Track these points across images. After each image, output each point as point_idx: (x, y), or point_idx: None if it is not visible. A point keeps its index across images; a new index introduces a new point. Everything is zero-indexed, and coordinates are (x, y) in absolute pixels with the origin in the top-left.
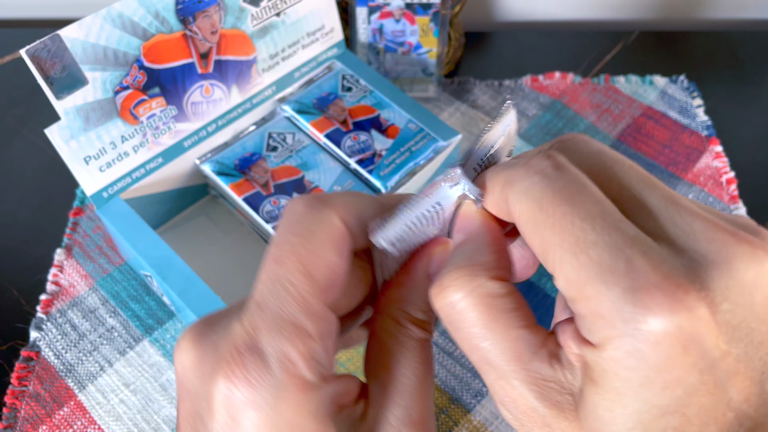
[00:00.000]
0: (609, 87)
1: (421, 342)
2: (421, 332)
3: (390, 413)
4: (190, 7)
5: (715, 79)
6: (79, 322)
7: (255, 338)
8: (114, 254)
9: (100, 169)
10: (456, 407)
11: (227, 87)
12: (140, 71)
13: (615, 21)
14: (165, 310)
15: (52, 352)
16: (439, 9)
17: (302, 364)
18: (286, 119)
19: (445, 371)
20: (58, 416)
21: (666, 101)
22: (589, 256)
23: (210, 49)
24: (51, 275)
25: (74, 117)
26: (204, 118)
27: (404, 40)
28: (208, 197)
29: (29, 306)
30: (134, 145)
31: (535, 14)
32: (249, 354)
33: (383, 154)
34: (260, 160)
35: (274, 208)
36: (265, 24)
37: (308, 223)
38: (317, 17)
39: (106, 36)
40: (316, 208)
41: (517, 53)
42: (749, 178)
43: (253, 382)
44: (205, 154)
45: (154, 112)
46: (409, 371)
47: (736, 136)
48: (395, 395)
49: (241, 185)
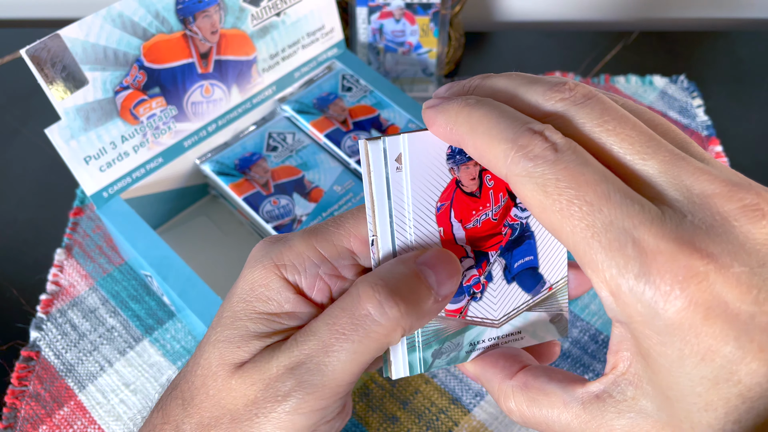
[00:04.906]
0: (609, 87)
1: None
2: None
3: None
4: (190, 7)
5: (715, 79)
6: (79, 322)
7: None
8: (114, 254)
9: (100, 169)
10: (456, 407)
11: (227, 87)
12: (140, 71)
13: (615, 21)
14: (165, 310)
15: (52, 352)
16: (439, 9)
17: (287, 265)
18: (286, 119)
19: (445, 372)
20: (58, 416)
21: (666, 101)
22: (600, 243)
23: (210, 49)
24: (51, 275)
25: (74, 117)
26: (204, 118)
27: (404, 40)
28: (208, 197)
29: (29, 306)
30: (134, 145)
31: (535, 14)
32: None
33: None
34: (260, 160)
35: (274, 208)
36: (265, 24)
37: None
38: (317, 17)
39: (106, 36)
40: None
41: (517, 53)
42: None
43: (256, 265)
44: (205, 154)
45: (154, 112)
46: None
47: (736, 136)
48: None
49: (241, 185)
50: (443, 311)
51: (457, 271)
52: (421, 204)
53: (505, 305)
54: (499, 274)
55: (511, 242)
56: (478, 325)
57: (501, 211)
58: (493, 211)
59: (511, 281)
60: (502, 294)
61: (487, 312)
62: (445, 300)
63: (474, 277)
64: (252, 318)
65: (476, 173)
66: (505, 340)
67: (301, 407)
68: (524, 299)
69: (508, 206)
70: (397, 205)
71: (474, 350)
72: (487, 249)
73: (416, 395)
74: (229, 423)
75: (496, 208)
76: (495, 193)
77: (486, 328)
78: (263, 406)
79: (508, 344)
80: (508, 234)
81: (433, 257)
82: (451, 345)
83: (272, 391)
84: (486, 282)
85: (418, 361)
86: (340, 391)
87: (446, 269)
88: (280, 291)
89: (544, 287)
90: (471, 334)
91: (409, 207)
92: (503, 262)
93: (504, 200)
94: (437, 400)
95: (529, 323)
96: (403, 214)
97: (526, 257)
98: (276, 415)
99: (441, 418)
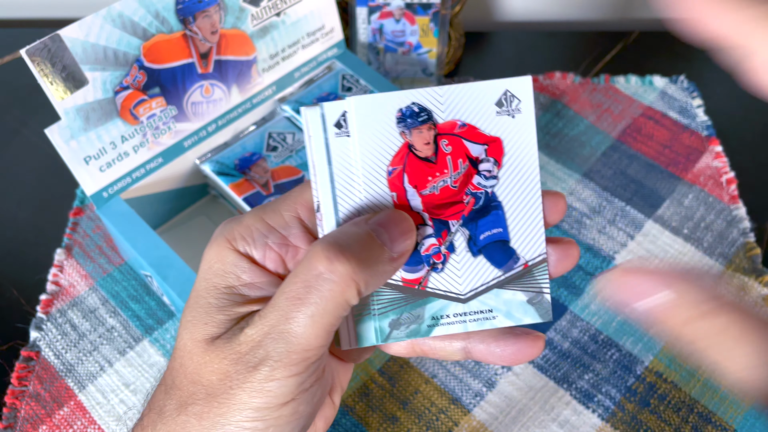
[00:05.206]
0: (609, 87)
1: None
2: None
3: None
4: (190, 7)
5: (715, 79)
6: (79, 322)
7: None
8: (114, 254)
9: (100, 169)
10: (456, 407)
11: (227, 87)
12: (140, 71)
13: (615, 21)
14: (165, 310)
15: (52, 352)
16: (439, 9)
17: (237, 238)
18: (286, 119)
19: (445, 372)
20: (58, 416)
21: (666, 101)
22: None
23: (210, 49)
24: (51, 275)
25: (74, 117)
26: (204, 118)
27: (404, 40)
28: (208, 197)
29: (29, 306)
30: (134, 145)
31: (535, 14)
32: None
33: None
34: (260, 160)
35: None
36: (265, 24)
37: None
38: (317, 17)
39: (106, 36)
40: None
41: (517, 53)
42: (749, 178)
43: (211, 245)
44: (205, 154)
45: (154, 112)
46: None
47: (736, 136)
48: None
49: (241, 185)
50: (401, 280)
51: (410, 228)
52: (371, 168)
53: (471, 279)
54: (462, 246)
55: (475, 212)
56: (440, 297)
57: (461, 178)
58: (453, 177)
59: (477, 254)
60: (467, 267)
61: (451, 285)
62: (401, 257)
63: (433, 247)
64: (213, 294)
65: (430, 138)
66: (474, 317)
67: (273, 375)
68: (494, 275)
69: (470, 173)
70: (339, 169)
71: (437, 325)
72: (447, 218)
73: (416, 395)
74: (205, 397)
75: (455, 175)
76: (453, 159)
77: (450, 302)
78: (236, 378)
79: (477, 322)
80: (471, 203)
81: (384, 216)
82: (411, 316)
83: (243, 364)
84: (447, 253)
85: (374, 330)
86: (309, 356)
87: (398, 227)
88: (235, 263)
89: (517, 263)
90: (433, 307)
91: (358, 171)
92: (467, 232)
93: (464, 167)
94: (437, 400)
95: (502, 302)
96: (351, 178)
97: (494, 229)
98: (250, 385)
99: (441, 418)
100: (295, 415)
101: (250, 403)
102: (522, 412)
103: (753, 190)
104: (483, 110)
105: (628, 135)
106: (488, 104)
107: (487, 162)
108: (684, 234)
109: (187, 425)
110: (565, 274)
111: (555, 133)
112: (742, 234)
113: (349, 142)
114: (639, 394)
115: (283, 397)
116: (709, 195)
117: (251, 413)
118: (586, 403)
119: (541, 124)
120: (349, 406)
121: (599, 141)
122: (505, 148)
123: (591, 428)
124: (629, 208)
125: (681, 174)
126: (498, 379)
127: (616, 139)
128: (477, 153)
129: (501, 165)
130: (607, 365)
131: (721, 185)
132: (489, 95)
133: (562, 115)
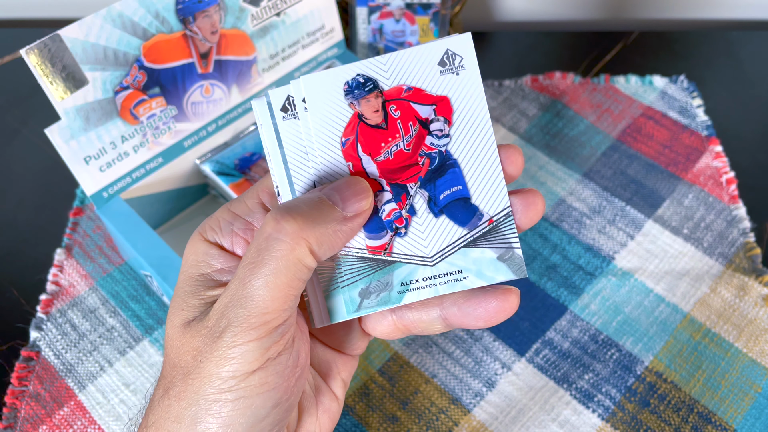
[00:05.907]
0: (609, 87)
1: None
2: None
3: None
4: (190, 7)
5: (715, 79)
6: (79, 322)
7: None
8: (114, 254)
9: (100, 169)
10: (456, 407)
11: (227, 87)
12: (140, 71)
13: (615, 21)
14: (165, 310)
15: (52, 352)
16: (439, 9)
17: (207, 230)
18: None
19: (444, 371)
20: (58, 416)
21: (666, 101)
22: None
23: (210, 49)
24: (51, 275)
25: (74, 117)
26: (204, 118)
27: (404, 40)
28: (208, 197)
29: (29, 306)
30: (134, 145)
31: (535, 14)
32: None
33: None
34: (260, 160)
35: None
36: (265, 24)
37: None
38: (317, 17)
39: (106, 36)
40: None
41: (517, 53)
42: (749, 178)
43: (189, 242)
44: (205, 154)
45: (154, 112)
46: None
47: (736, 136)
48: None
49: (241, 185)
50: (366, 248)
51: (363, 189)
52: (325, 141)
53: (436, 241)
54: (423, 207)
55: (431, 172)
56: (407, 263)
57: (414, 140)
58: (405, 141)
59: (439, 214)
60: (430, 228)
61: (416, 248)
62: (356, 217)
63: (394, 212)
64: (188, 282)
65: (378, 105)
66: (444, 280)
67: (235, 341)
68: (459, 234)
69: (422, 135)
70: (291, 151)
71: (407, 291)
72: (404, 181)
73: (416, 395)
74: (183, 377)
75: (407, 138)
76: (404, 123)
77: (418, 266)
78: (205, 351)
79: (448, 285)
80: (426, 164)
81: (337, 182)
82: (380, 284)
83: (210, 336)
84: (409, 216)
85: (344, 302)
86: (268, 319)
87: (351, 188)
88: (206, 252)
89: (482, 220)
90: (401, 273)
91: (313, 147)
92: (426, 194)
93: (415, 129)
94: (437, 400)
95: (471, 261)
96: (304, 157)
97: (453, 187)
98: (216, 354)
99: (441, 418)
100: (265, 385)
101: (218, 373)
102: (522, 412)
103: (753, 190)
104: (427, 72)
105: (628, 135)
106: (431, 65)
107: (437, 121)
108: (684, 234)
109: (169, 409)
110: (565, 274)
111: (555, 133)
112: (742, 234)
113: (297, 123)
114: (639, 394)
115: (248, 364)
116: (709, 195)
117: (220, 383)
118: (586, 403)
119: (541, 124)
120: (349, 406)
121: (599, 141)
122: (453, 105)
123: (591, 428)
124: (629, 208)
125: (681, 174)
126: (498, 379)
127: (616, 139)
128: (426, 114)
129: (452, 123)
130: (607, 365)
131: (721, 185)
132: (431, 57)
133: (562, 115)
